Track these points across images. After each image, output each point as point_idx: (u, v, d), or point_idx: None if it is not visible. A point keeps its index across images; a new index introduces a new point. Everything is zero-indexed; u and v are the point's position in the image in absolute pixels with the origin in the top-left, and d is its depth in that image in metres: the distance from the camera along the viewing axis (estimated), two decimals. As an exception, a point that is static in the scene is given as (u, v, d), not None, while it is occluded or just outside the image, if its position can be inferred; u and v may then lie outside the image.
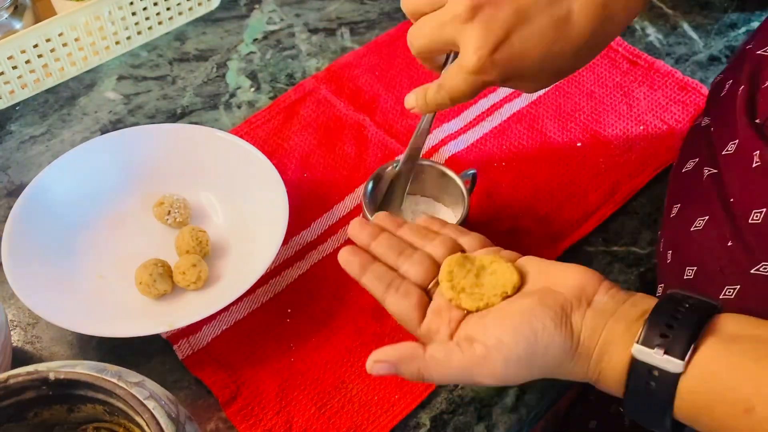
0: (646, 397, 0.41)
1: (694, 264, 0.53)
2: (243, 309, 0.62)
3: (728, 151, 0.52)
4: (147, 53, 0.83)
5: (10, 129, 0.76)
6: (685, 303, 0.42)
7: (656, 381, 0.41)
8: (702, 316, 0.41)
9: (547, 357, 0.43)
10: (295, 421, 0.56)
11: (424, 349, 0.44)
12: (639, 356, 0.41)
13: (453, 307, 0.47)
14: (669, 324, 0.41)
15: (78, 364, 0.42)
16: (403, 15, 0.87)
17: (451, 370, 0.44)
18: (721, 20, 0.86)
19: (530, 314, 0.43)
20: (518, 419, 0.57)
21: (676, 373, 0.40)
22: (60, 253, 0.62)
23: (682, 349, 0.40)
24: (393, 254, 0.51)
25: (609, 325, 0.43)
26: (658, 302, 0.43)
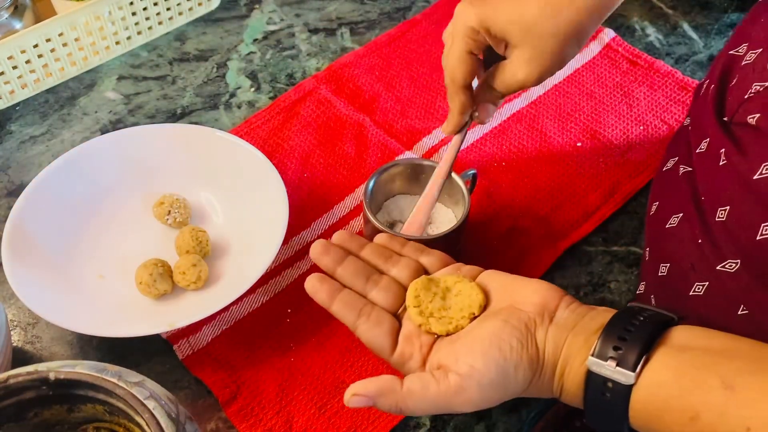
0: (602, 408, 0.42)
1: (668, 261, 0.54)
2: (243, 309, 0.62)
3: (701, 150, 0.53)
4: (147, 53, 0.83)
5: (10, 129, 0.76)
6: (640, 316, 0.43)
7: (611, 392, 0.42)
8: (655, 329, 0.42)
9: (518, 377, 0.44)
10: (295, 421, 0.56)
11: (401, 383, 0.44)
12: (594, 368, 0.42)
13: (423, 332, 0.48)
14: (622, 337, 0.42)
15: (78, 364, 0.42)
16: (403, 15, 0.87)
17: (427, 402, 0.44)
18: (721, 20, 0.86)
19: (497, 337, 0.44)
20: (518, 419, 0.57)
21: (628, 385, 0.41)
22: (60, 253, 0.62)
23: (634, 361, 0.41)
24: (360, 281, 0.51)
25: (569, 339, 0.44)
26: (613, 315, 0.44)
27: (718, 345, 0.41)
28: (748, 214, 0.46)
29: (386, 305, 0.50)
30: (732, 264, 0.47)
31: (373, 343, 0.49)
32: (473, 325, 0.47)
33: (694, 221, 0.52)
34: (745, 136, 0.48)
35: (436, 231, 0.63)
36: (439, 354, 0.47)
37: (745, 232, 0.46)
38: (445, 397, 0.44)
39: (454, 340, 0.47)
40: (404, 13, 0.88)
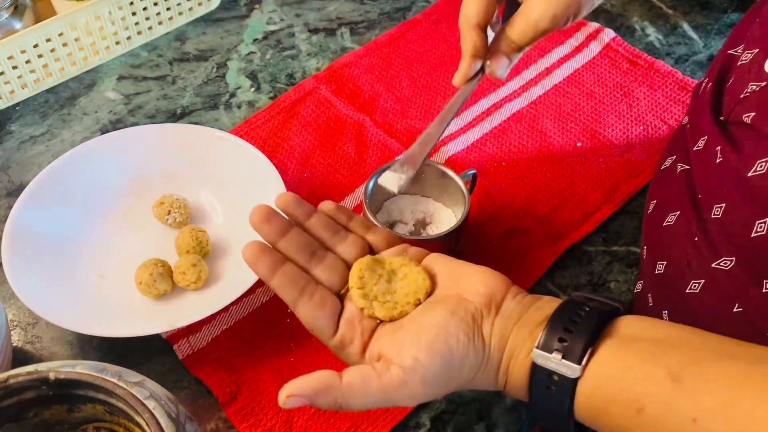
0: (547, 401, 0.42)
1: (665, 259, 0.54)
2: (243, 309, 0.62)
3: (698, 147, 0.53)
4: (147, 53, 0.83)
5: (10, 129, 0.76)
6: (586, 306, 0.42)
7: (556, 385, 0.41)
8: (601, 320, 0.42)
9: (463, 370, 0.43)
10: (295, 421, 0.56)
11: (340, 378, 0.42)
12: (538, 361, 0.41)
13: (363, 317, 0.46)
14: (567, 328, 0.41)
15: (78, 364, 0.42)
16: (403, 15, 0.87)
17: (369, 397, 0.42)
18: (721, 20, 0.86)
19: (444, 330, 0.43)
20: (518, 419, 0.57)
21: (573, 377, 0.40)
22: (60, 253, 0.62)
23: (579, 354, 0.40)
24: (304, 256, 0.48)
25: (514, 331, 0.43)
26: (558, 306, 0.43)
27: (663, 335, 0.41)
28: (743, 211, 0.46)
29: (330, 284, 0.48)
30: (727, 261, 0.47)
31: (314, 325, 0.46)
32: (418, 312, 0.45)
33: (691, 219, 0.52)
34: (741, 135, 0.48)
35: (436, 231, 0.62)
36: (380, 342, 0.45)
37: (739, 230, 0.46)
38: (386, 391, 0.42)
39: (398, 328, 0.45)
40: (404, 13, 0.88)
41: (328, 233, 0.50)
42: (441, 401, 0.57)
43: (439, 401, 0.57)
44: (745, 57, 0.50)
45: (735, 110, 0.49)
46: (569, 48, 0.82)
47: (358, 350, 0.45)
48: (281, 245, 0.48)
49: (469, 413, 0.57)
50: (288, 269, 0.47)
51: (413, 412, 0.57)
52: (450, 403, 0.57)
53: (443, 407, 0.57)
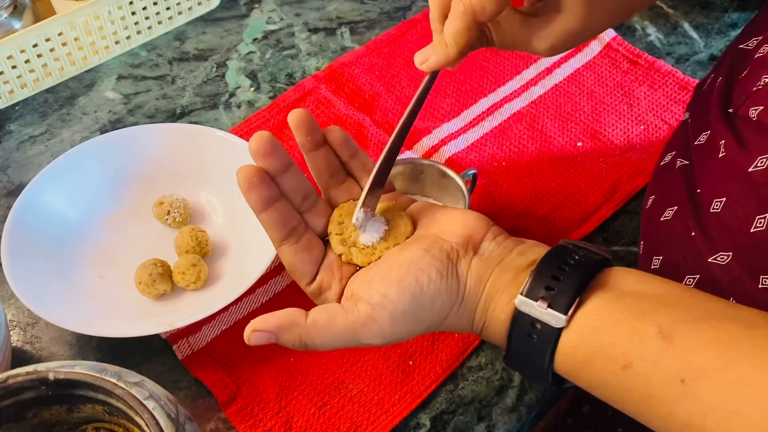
0: (527, 350, 0.40)
1: (661, 253, 0.54)
2: (243, 309, 0.62)
3: (700, 142, 0.53)
4: (146, 53, 0.83)
5: (10, 129, 0.75)
6: (575, 255, 0.41)
7: (538, 334, 0.40)
8: (590, 270, 0.40)
9: (434, 309, 0.41)
10: (294, 421, 0.56)
11: (305, 315, 0.41)
12: (522, 308, 0.40)
13: (343, 264, 0.45)
14: (555, 276, 0.39)
15: (77, 364, 0.42)
16: (403, 14, 0.87)
17: (335, 335, 0.41)
18: (721, 20, 0.86)
19: (416, 266, 0.41)
20: (518, 419, 0.57)
21: (558, 327, 0.39)
22: (59, 253, 0.62)
23: (566, 304, 0.39)
24: (298, 196, 0.46)
25: (495, 274, 0.42)
26: (546, 252, 0.42)
27: (654, 290, 0.39)
28: (743, 206, 0.46)
29: (318, 230, 0.46)
30: (724, 256, 0.47)
31: (295, 268, 0.45)
32: (392, 251, 0.44)
33: (688, 214, 0.51)
34: (746, 129, 0.47)
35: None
36: (353, 284, 0.43)
37: (738, 224, 0.46)
38: (353, 327, 0.41)
39: (369, 268, 0.43)
40: (404, 12, 0.87)
41: (325, 174, 0.47)
42: (441, 401, 0.57)
43: (439, 401, 0.57)
44: (762, 50, 0.49)
45: (744, 103, 0.48)
46: (569, 48, 0.82)
47: (335, 296, 0.44)
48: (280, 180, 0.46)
49: (469, 413, 0.57)
50: (281, 206, 0.44)
51: (413, 411, 0.57)
52: (450, 403, 0.57)
53: (443, 407, 0.57)
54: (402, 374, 0.58)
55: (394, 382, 0.58)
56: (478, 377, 0.58)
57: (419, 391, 0.57)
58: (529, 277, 0.40)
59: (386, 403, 0.57)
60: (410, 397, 0.57)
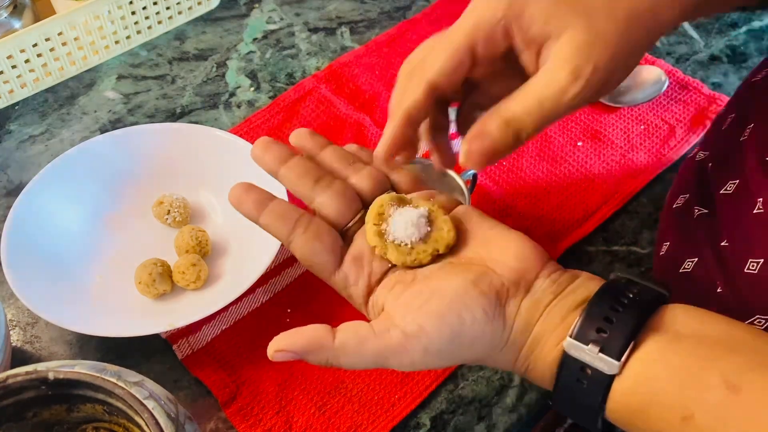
0: (576, 396, 0.38)
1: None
2: (243, 309, 0.62)
3: (727, 191, 0.49)
4: (146, 52, 0.83)
5: (9, 128, 0.75)
6: (629, 292, 0.38)
7: (588, 379, 0.37)
8: (645, 310, 0.37)
9: (473, 349, 0.39)
10: (294, 421, 0.56)
11: (333, 336, 0.38)
12: (571, 352, 0.37)
13: (375, 258, 0.41)
14: (608, 317, 0.37)
15: (77, 364, 0.42)
16: (403, 14, 0.87)
17: (364, 358, 0.38)
18: (721, 19, 0.86)
19: (460, 301, 0.38)
20: (518, 419, 0.57)
21: (610, 374, 0.36)
22: (59, 253, 0.62)
23: (619, 348, 0.36)
24: (308, 182, 0.43)
25: (544, 315, 0.39)
26: (597, 291, 0.38)
27: (715, 332, 0.36)
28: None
29: (333, 215, 0.42)
30: (762, 320, 0.44)
31: (312, 261, 0.42)
32: (435, 270, 0.40)
33: (713, 268, 0.48)
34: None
35: (436, 230, 0.62)
36: (387, 292, 0.40)
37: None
38: (383, 353, 0.38)
39: (408, 282, 0.40)
40: (404, 12, 0.87)
41: (342, 163, 0.44)
42: (441, 401, 0.57)
43: (440, 401, 0.57)
44: None
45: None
46: (569, 47, 0.82)
47: (362, 293, 0.41)
48: (282, 173, 0.43)
49: (469, 413, 0.57)
50: (276, 205, 0.42)
51: (413, 411, 0.57)
52: (450, 403, 0.57)
53: (443, 407, 0.57)
54: (402, 374, 0.58)
55: (394, 382, 0.58)
56: (479, 377, 0.58)
57: (419, 391, 0.57)
58: (580, 318, 0.37)
59: (386, 403, 0.57)
60: (410, 397, 0.57)
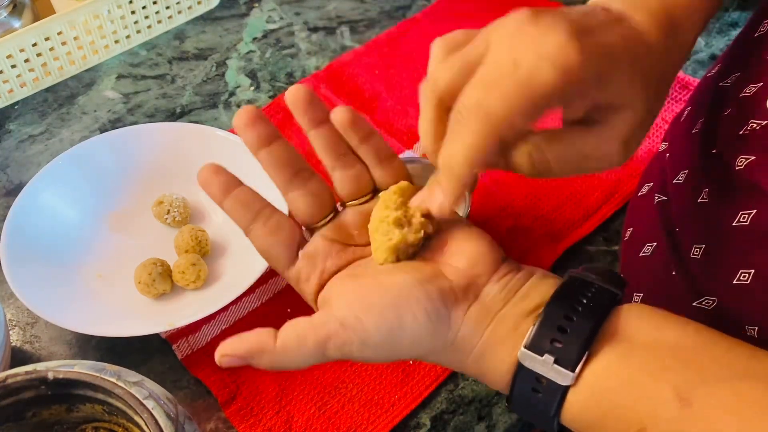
0: (532, 403, 0.38)
1: (642, 290, 0.52)
2: (243, 308, 0.62)
3: (678, 181, 0.51)
4: (146, 52, 0.83)
5: (9, 128, 0.75)
6: (583, 297, 0.37)
7: (543, 390, 0.37)
8: (599, 315, 0.37)
9: (413, 348, 0.38)
10: (294, 421, 0.56)
11: (275, 337, 0.38)
12: (526, 362, 0.37)
13: (329, 256, 0.41)
14: (561, 327, 0.36)
15: (77, 364, 0.42)
16: (403, 13, 0.87)
17: (306, 356, 0.37)
18: (722, 19, 0.86)
19: (403, 300, 0.37)
20: (518, 419, 0.57)
21: (565, 385, 0.36)
22: (59, 253, 0.62)
23: (574, 359, 0.36)
24: (286, 173, 0.42)
25: (492, 326, 0.38)
26: (551, 297, 0.38)
27: (670, 338, 0.36)
28: (724, 257, 0.44)
29: (302, 214, 0.42)
30: (709, 300, 0.45)
31: (268, 254, 0.42)
32: (388, 266, 0.40)
33: (668, 252, 0.50)
34: (730, 178, 0.45)
35: (436, 230, 0.62)
36: (332, 286, 0.40)
37: (721, 274, 0.44)
38: (322, 344, 0.37)
39: (358, 276, 0.40)
40: (404, 11, 0.87)
41: (330, 154, 0.43)
42: (441, 401, 0.57)
43: (440, 401, 0.57)
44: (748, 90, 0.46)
45: (731, 147, 0.46)
46: (570, 47, 0.82)
47: (313, 290, 0.41)
48: (262, 156, 0.43)
49: (469, 413, 0.57)
50: (241, 192, 0.42)
51: (413, 411, 0.57)
52: (450, 403, 0.57)
53: (443, 407, 0.57)
54: (402, 374, 0.58)
55: (394, 382, 0.57)
56: (479, 377, 0.58)
57: (419, 391, 0.57)
58: (533, 327, 0.37)
59: (386, 403, 0.57)
60: (410, 397, 0.57)
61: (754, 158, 0.43)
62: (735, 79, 0.49)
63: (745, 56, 0.50)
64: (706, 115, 0.50)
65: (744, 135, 0.45)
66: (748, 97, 0.46)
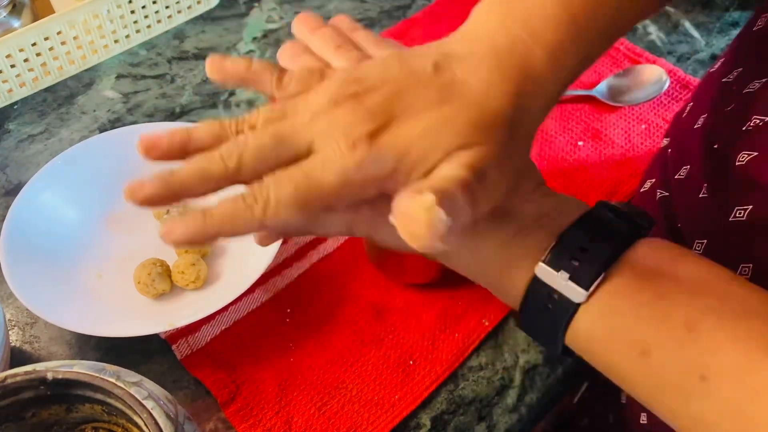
0: (541, 318, 0.38)
1: None
2: (242, 309, 0.62)
3: (680, 176, 0.51)
4: (146, 52, 0.83)
5: (8, 128, 0.75)
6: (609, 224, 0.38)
7: (554, 305, 0.37)
8: (622, 242, 0.37)
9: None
10: (294, 421, 0.56)
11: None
12: (542, 276, 0.37)
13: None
14: (582, 247, 0.37)
15: (76, 364, 0.42)
16: (403, 13, 0.87)
17: None
18: (722, 18, 0.86)
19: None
20: (519, 419, 0.57)
21: (576, 302, 0.37)
22: (58, 253, 0.62)
23: (589, 279, 0.36)
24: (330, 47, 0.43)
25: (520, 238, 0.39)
26: (577, 219, 0.38)
27: (688, 272, 0.36)
28: (724, 252, 0.44)
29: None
30: None
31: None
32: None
33: None
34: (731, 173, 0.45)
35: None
36: None
37: None
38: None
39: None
40: (404, 11, 0.87)
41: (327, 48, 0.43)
42: (441, 401, 0.57)
43: (440, 401, 0.57)
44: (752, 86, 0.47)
45: (733, 143, 0.46)
46: (570, 47, 0.82)
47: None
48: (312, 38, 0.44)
49: (469, 413, 0.57)
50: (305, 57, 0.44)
51: (413, 412, 0.56)
52: (450, 403, 0.57)
53: (444, 407, 0.57)
54: (402, 374, 0.58)
55: (394, 382, 0.57)
56: (479, 377, 0.58)
57: (419, 391, 0.57)
58: (555, 245, 0.37)
59: (386, 403, 0.57)
60: (410, 397, 0.57)
61: (756, 154, 0.44)
62: (738, 74, 0.49)
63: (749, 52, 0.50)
64: (709, 111, 0.51)
65: (747, 131, 0.45)
66: (751, 93, 0.47)
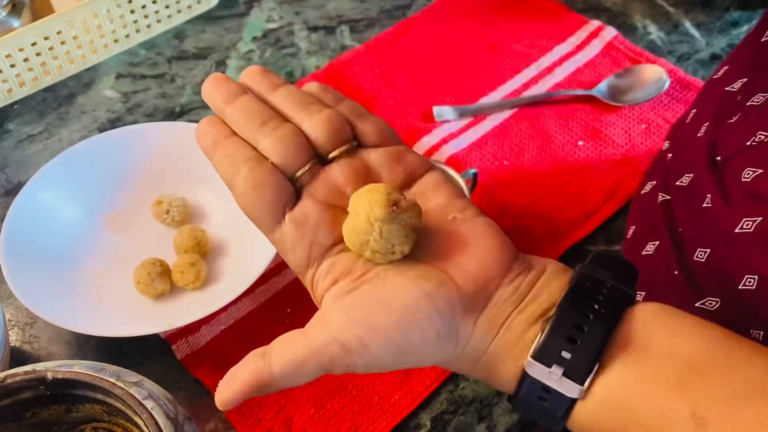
0: (537, 410, 0.36)
1: (643, 289, 0.52)
2: (242, 309, 0.62)
3: (682, 183, 0.51)
4: (146, 51, 0.82)
5: (8, 127, 0.75)
6: (594, 302, 0.35)
7: (551, 400, 0.35)
8: (612, 322, 0.35)
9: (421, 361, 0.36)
10: (294, 421, 0.56)
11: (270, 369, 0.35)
12: (532, 373, 0.35)
13: (320, 227, 0.37)
14: (572, 338, 0.34)
15: (76, 364, 0.42)
16: (403, 13, 0.87)
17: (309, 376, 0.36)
18: (722, 18, 0.86)
19: (411, 319, 0.34)
20: (519, 419, 0.56)
21: (573, 397, 0.35)
22: (58, 253, 0.62)
23: (584, 372, 0.34)
24: (253, 124, 0.38)
25: (501, 333, 0.36)
26: (561, 302, 0.35)
27: (685, 348, 0.34)
28: (729, 263, 0.44)
29: (278, 161, 0.37)
30: (712, 302, 0.45)
31: (249, 212, 0.38)
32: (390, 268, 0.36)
33: (671, 252, 0.50)
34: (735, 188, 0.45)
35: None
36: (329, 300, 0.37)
37: (725, 279, 0.44)
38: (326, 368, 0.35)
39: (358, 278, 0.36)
40: (404, 11, 0.87)
41: (295, 106, 0.39)
42: (442, 401, 0.57)
43: (440, 401, 0.57)
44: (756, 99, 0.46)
45: (736, 157, 0.45)
46: (570, 46, 0.82)
47: (300, 263, 0.37)
48: (228, 113, 0.39)
49: (470, 413, 0.56)
50: (231, 143, 0.38)
51: (414, 412, 0.56)
52: (451, 403, 0.57)
53: (444, 407, 0.57)
54: (402, 374, 0.58)
55: (394, 382, 0.57)
56: (479, 377, 0.58)
57: (419, 391, 0.57)
58: (542, 336, 0.35)
59: (386, 403, 0.56)
60: (410, 397, 0.57)
61: (761, 171, 0.43)
62: (743, 84, 0.48)
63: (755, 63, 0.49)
64: (712, 120, 0.50)
65: (751, 146, 0.44)
66: (755, 106, 0.46)
